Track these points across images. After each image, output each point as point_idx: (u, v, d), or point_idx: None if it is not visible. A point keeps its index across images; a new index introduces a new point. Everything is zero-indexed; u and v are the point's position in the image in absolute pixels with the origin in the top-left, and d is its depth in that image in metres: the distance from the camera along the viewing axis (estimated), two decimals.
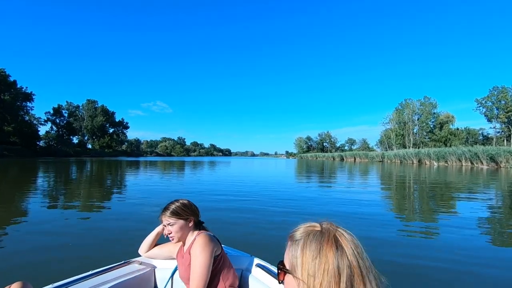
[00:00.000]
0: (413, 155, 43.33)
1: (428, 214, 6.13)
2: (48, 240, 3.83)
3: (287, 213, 5.86)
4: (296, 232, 0.69)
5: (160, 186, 11.24)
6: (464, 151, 33.97)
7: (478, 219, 5.55)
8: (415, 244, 3.96)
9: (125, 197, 8.09)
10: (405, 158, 45.77)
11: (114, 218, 5.29)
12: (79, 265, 2.70)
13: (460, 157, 34.26)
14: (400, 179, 15.33)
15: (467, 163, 33.58)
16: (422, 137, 58.33)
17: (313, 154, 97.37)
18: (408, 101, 60.82)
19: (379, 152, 60.93)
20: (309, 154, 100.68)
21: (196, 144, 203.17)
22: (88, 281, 1.46)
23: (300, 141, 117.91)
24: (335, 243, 0.62)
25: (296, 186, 12.16)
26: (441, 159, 37.47)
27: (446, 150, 37.42)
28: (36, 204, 6.73)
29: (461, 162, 34.32)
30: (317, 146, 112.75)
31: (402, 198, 8.87)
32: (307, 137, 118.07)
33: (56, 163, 30.53)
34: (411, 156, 43.66)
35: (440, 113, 58.44)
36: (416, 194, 9.82)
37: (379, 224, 4.99)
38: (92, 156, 67.38)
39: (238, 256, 1.80)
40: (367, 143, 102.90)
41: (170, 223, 1.54)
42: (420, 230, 4.71)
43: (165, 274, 1.72)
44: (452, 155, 35.43)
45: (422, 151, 41.70)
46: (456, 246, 3.76)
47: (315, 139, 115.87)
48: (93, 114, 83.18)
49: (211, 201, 7.24)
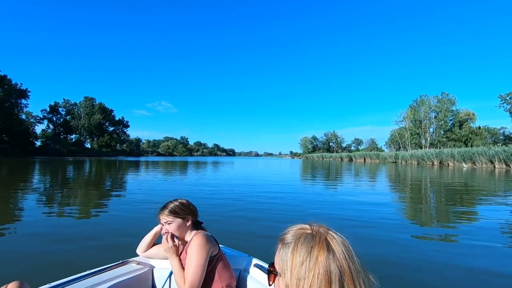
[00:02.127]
0: (433, 156, 39.17)
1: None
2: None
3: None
4: (287, 234, 0.68)
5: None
6: (497, 151, 29.80)
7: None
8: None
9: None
10: (423, 159, 41.65)
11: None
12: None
13: (493, 158, 30.10)
14: (438, 184, 12.67)
15: (501, 164, 29.44)
16: (440, 136, 53.79)
17: (319, 154, 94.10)
18: (424, 97, 56.41)
19: (392, 152, 56.68)
20: (315, 154, 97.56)
21: (200, 144, 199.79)
22: (85, 281, 1.44)
23: (305, 141, 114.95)
24: (326, 246, 0.61)
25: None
26: (468, 160, 33.36)
27: (474, 150, 33.23)
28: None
29: (493, 164, 30.17)
30: (323, 146, 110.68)
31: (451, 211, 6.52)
32: (312, 137, 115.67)
33: (44, 163, 28.15)
34: (431, 157, 39.50)
35: (459, 110, 53.90)
36: (482, 207, 7.04)
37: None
38: (89, 156, 64.27)
39: (236, 256, 1.79)
40: (375, 143, 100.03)
41: (168, 222, 1.53)
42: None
43: (163, 273, 1.71)
44: (482, 156, 31.28)
45: (444, 151, 37.44)
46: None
47: (320, 139, 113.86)
48: (91, 112, 79.83)
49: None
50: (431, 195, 9.35)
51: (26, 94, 63.48)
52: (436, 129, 54.41)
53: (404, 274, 2.83)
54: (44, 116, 75.27)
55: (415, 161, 44.23)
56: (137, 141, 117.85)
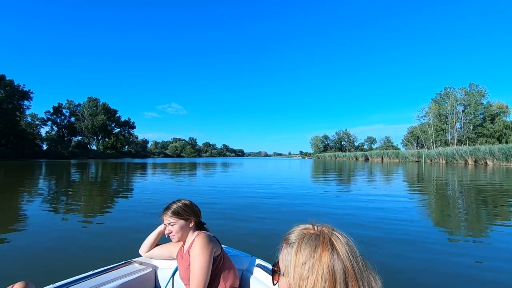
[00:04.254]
0: (467, 154, 34.38)
1: None
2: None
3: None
4: (291, 234, 0.67)
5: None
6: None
7: None
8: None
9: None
10: (454, 158, 36.90)
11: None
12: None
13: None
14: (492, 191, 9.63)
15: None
16: (469, 132, 48.48)
17: (332, 154, 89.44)
18: (449, 90, 51.22)
19: (414, 150, 51.67)
20: (327, 154, 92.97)
21: (208, 144, 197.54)
22: (88, 281, 1.45)
23: (316, 140, 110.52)
24: (331, 246, 0.61)
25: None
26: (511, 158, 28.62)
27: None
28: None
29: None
30: (335, 145, 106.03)
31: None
32: (323, 135, 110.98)
33: (38, 166, 25.73)
34: (465, 155, 34.73)
35: (491, 103, 48.42)
36: None
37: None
38: (91, 158, 62.03)
39: (239, 256, 1.79)
40: (390, 141, 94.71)
41: (171, 223, 1.54)
42: None
43: (165, 274, 1.71)
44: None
45: (481, 148, 32.65)
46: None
47: (332, 138, 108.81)
48: (94, 112, 77.65)
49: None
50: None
51: (29, 95, 61.97)
52: (464, 124, 49.14)
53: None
54: (48, 118, 73.80)
55: (443, 160, 39.47)
56: (143, 142, 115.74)
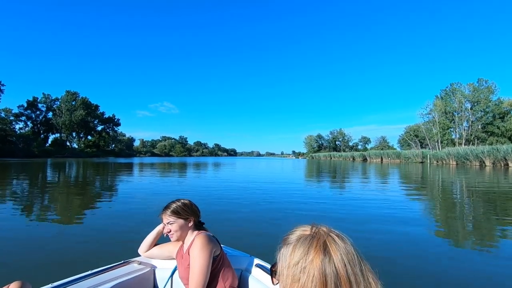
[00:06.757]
0: (484, 154, 30.70)
1: None
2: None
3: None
4: (290, 235, 0.67)
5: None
6: None
7: None
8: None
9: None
10: (467, 159, 33.23)
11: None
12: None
13: None
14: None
15: None
16: (478, 130, 45.10)
17: (326, 154, 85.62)
18: (456, 86, 47.75)
19: (418, 150, 48.05)
20: (322, 154, 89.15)
21: (200, 143, 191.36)
22: (87, 281, 1.45)
23: (310, 139, 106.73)
24: (323, 249, 0.59)
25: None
26: None
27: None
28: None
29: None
30: (329, 145, 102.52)
31: None
32: (317, 135, 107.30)
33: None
34: (481, 156, 31.05)
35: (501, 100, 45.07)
36: None
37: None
38: (66, 157, 56.39)
39: (238, 256, 1.78)
40: (386, 141, 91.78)
41: (170, 222, 1.54)
42: None
43: (164, 274, 1.71)
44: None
45: (502, 148, 28.96)
46: None
47: (326, 138, 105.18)
48: (72, 107, 71.36)
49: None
50: None
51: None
52: (473, 122, 45.73)
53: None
54: (21, 113, 67.49)
55: (453, 161, 35.84)
56: (129, 140, 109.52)
